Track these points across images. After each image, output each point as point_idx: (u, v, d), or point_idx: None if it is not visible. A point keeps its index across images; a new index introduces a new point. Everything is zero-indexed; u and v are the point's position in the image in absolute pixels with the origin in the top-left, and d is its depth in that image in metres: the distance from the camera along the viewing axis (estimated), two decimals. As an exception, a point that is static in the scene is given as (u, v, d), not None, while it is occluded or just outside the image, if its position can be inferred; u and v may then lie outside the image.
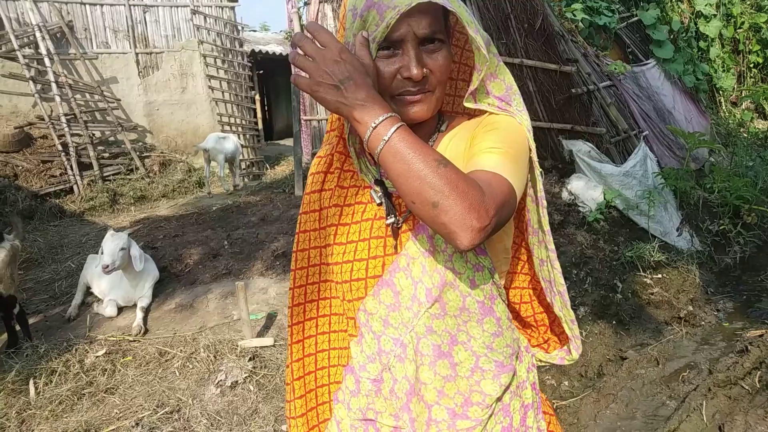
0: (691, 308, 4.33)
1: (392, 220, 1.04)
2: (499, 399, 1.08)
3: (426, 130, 1.11)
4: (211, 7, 11.03)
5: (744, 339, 3.70)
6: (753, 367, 3.27)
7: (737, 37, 10.78)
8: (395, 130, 0.85)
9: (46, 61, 8.97)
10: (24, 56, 8.85)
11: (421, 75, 0.96)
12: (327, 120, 1.20)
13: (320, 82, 0.87)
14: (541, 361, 1.26)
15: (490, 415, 1.07)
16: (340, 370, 1.19)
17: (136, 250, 4.13)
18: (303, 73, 0.90)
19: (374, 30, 0.94)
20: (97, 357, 3.53)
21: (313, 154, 7.71)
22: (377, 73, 0.97)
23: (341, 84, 0.87)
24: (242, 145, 9.64)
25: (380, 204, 1.06)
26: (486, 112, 1.05)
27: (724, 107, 10.60)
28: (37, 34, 8.98)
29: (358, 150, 1.10)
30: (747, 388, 3.10)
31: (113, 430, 2.88)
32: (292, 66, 0.94)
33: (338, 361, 1.20)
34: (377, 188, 1.07)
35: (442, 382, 1.06)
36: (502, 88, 1.03)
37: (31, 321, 4.07)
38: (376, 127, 0.86)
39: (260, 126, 12.99)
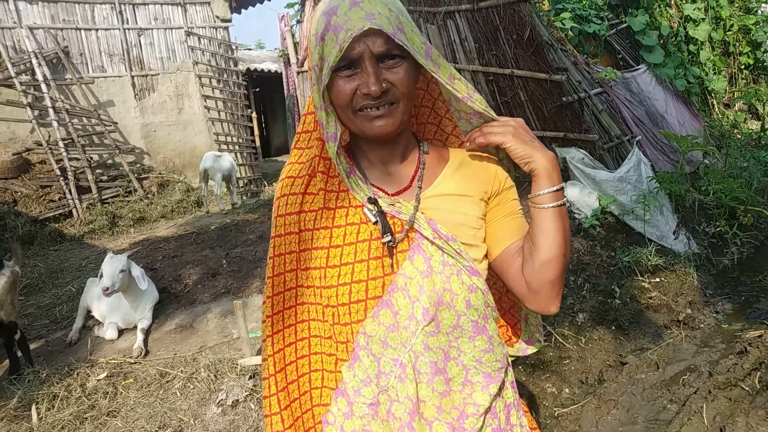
0: (689, 311, 4.34)
1: (388, 239, 1.06)
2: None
3: (402, 149, 1.14)
4: (205, 27, 11.14)
5: (743, 340, 3.71)
6: (753, 368, 3.27)
7: (727, 39, 10.88)
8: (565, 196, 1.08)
9: (43, 87, 9.05)
10: (21, 83, 8.93)
11: (380, 91, 0.98)
12: (295, 138, 1.19)
13: (522, 134, 1.08)
14: (510, 356, 1.29)
15: (483, 423, 1.11)
16: (326, 392, 1.16)
17: (137, 270, 4.15)
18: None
19: (330, 52, 0.97)
20: (98, 380, 3.54)
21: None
22: (337, 90, 1.01)
23: (534, 140, 1.08)
24: (239, 164, 9.66)
25: (375, 222, 1.07)
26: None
27: (716, 109, 10.67)
28: (34, 61, 9.08)
29: (347, 171, 1.09)
30: (747, 389, 3.10)
31: (116, 453, 2.88)
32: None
33: (322, 383, 1.17)
34: (371, 206, 1.07)
35: (440, 398, 1.08)
36: (463, 89, 1.08)
37: (32, 346, 4.08)
38: (560, 189, 1.05)
39: (257, 143, 13.06)
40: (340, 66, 0.99)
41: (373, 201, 1.07)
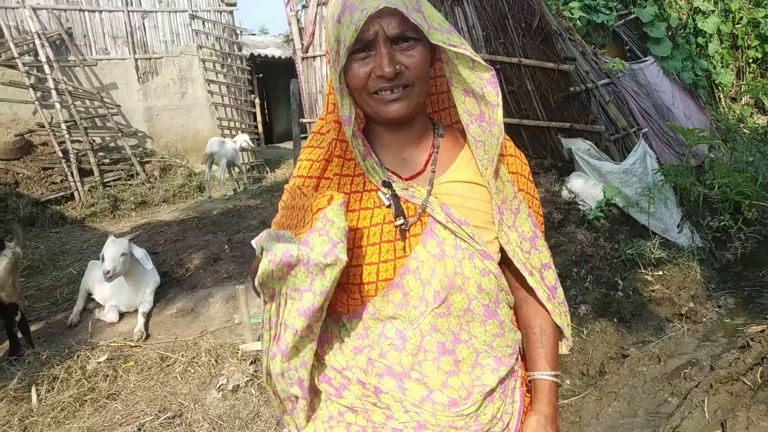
0: (692, 305, 4.32)
1: (401, 221, 1.07)
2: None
3: (417, 133, 1.14)
4: (209, 11, 11.06)
5: (745, 335, 3.69)
6: (755, 363, 3.25)
7: (736, 32, 10.77)
8: (557, 375, 1.20)
9: (46, 68, 9.00)
10: (24, 64, 8.88)
11: (393, 72, 0.98)
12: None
13: None
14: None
15: (483, 398, 1.12)
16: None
17: (139, 252, 4.14)
18: None
19: (345, 33, 0.96)
20: (98, 363, 3.54)
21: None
22: (352, 73, 1.01)
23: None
24: (242, 148, 9.65)
25: (389, 206, 1.08)
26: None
27: (723, 103, 10.59)
28: (37, 42, 9.01)
29: (363, 154, 1.10)
30: (749, 383, 3.09)
31: (115, 435, 2.89)
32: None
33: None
34: (385, 190, 1.08)
35: (446, 376, 1.09)
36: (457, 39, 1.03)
37: (32, 328, 4.08)
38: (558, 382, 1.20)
39: (260, 129, 13.02)
40: (355, 48, 0.99)
41: (387, 185, 1.09)
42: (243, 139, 9.76)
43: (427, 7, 1.00)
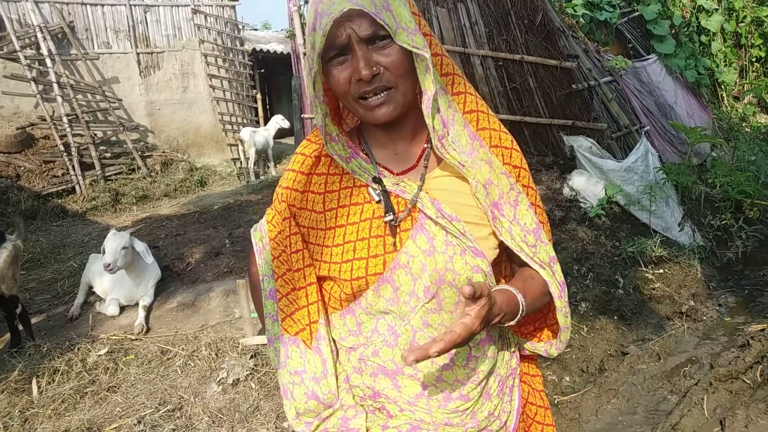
0: (692, 303, 4.32)
1: (390, 217, 1.06)
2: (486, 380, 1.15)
3: (410, 129, 1.12)
4: (211, 6, 11.04)
5: (745, 333, 3.70)
6: (754, 362, 3.27)
7: (739, 31, 10.74)
8: (524, 305, 1.05)
9: (48, 61, 8.99)
10: (25, 57, 8.88)
11: (370, 75, 0.97)
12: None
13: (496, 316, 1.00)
14: (526, 349, 1.27)
15: (480, 395, 1.12)
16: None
17: (140, 245, 4.14)
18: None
19: (316, 41, 0.96)
20: (99, 356, 3.55)
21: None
22: (334, 80, 1.00)
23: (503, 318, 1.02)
24: (280, 128, 10.18)
25: (379, 201, 1.08)
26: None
27: (726, 102, 10.56)
28: (39, 35, 9.01)
29: (347, 155, 1.10)
30: (748, 382, 3.10)
31: (116, 428, 2.89)
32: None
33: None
34: (376, 186, 1.08)
35: (440, 370, 1.09)
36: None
37: (33, 321, 4.09)
38: (521, 312, 1.04)
39: (262, 124, 13.01)
40: (332, 54, 0.98)
41: (377, 180, 1.08)
42: (278, 119, 10.12)
43: (395, 6, 0.97)
